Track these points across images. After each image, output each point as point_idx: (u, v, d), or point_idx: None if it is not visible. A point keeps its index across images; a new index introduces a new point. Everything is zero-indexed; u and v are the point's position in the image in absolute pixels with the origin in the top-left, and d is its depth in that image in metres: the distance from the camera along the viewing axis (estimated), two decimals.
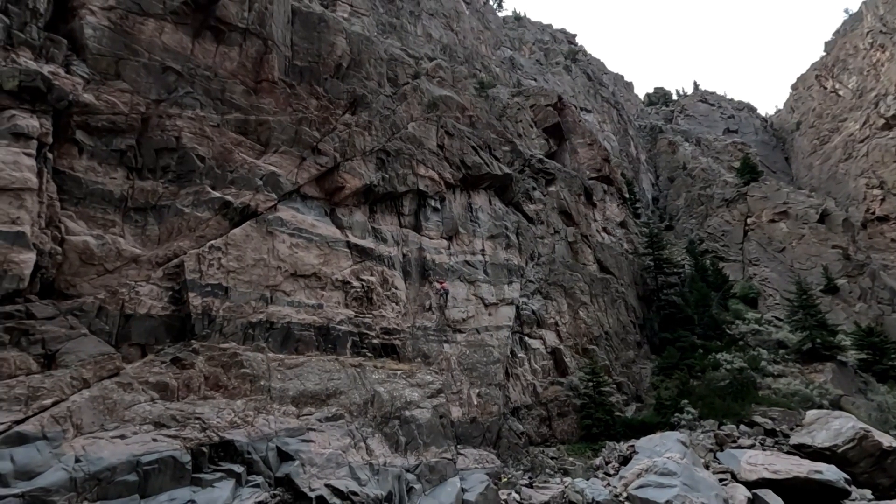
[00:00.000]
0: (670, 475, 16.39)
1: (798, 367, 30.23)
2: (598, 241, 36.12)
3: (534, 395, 24.61)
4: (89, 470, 9.63)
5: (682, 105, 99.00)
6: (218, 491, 10.99)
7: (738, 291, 45.35)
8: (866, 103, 69.93)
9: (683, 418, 24.84)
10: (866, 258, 46.88)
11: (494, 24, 68.79)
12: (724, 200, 56.05)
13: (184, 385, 12.91)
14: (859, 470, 18.63)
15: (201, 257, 14.92)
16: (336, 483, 12.82)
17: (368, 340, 18.83)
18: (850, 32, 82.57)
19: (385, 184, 22.28)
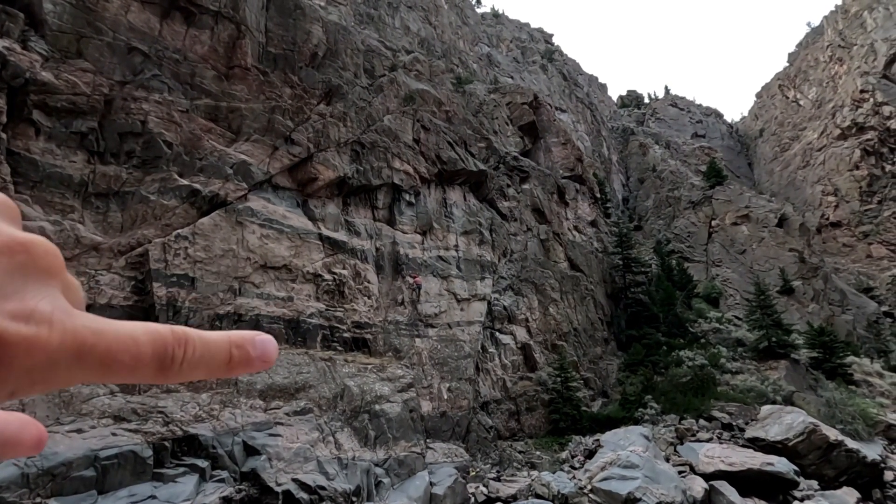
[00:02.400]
0: (633, 468, 16.89)
1: (755, 365, 31.57)
2: (570, 240, 36.73)
3: (503, 390, 24.91)
4: (43, 465, 9.24)
5: (654, 108, 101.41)
6: (181, 486, 10.73)
7: (702, 291, 46.96)
8: (824, 113, 73.29)
9: (647, 413, 25.60)
10: (820, 261, 49.27)
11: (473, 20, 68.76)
12: (691, 203, 57.84)
13: None
14: (808, 462, 19.64)
15: (167, 246, 14.45)
16: (303, 477, 12.70)
17: (339, 334, 18.66)
18: (812, 45, 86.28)
19: (359, 176, 22.04)
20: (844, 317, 43.60)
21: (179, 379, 0.44)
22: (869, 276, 54.76)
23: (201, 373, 0.45)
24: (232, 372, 0.47)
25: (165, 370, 0.41)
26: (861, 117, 65.99)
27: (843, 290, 46.60)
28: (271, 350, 0.49)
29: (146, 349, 0.40)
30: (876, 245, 58.75)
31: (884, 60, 67.83)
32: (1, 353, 0.32)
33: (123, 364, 0.38)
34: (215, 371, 0.46)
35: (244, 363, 0.47)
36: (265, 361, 0.48)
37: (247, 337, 0.48)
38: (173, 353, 0.41)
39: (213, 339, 0.45)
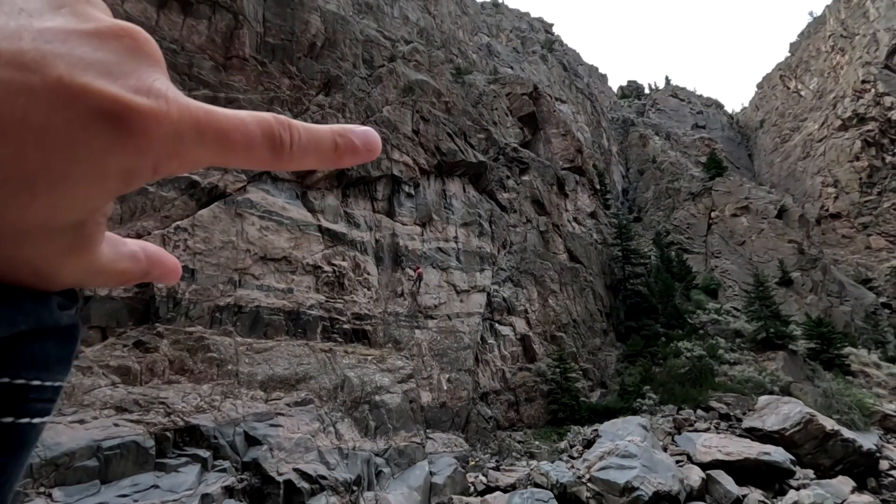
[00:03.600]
0: (631, 457, 17.05)
1: (752, 355, 31.75)
2: (569, 231, 36.74)
3: (503, 381, 25.06)
4: (46, 455, 9.32)
5: (654, 99, 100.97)
6: (183, 476, 10.82)
7: (701, 282, 47.07)
8: (825, 104, 73.00)
9: (645, 403, 25.79)
10: (819, 253, 49.37)
11: (472, 10, 68.17)
12: (691, 194, 57.80)
13: (147, 369, 12.58)
14: (804, 451, 19.83)
15: (166, 238, 14.45)
16: (304, 467, 12.81)
17: (339, 325, 18.72)
18: (814, 35, 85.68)
19: (358, 168, 21.98)
20: (842, 308, 43.78)
21: (291, 165, 0.43)
22: (867, 268, 54.91)
23: (311, 160, 0.44)
24: (340, 161, 0.46)
25: (277, 153, 0.41)
26: (862, 108, 65.75)
27: (842, 281, 46.74)
28: (374, 139, 0.48)
29: (255, 129, 0.40)
30: (875, 236, 58.84)
31: (886, 51, 67.42)
32: (136, 122, 0.33)
33: (237, 143, 0.38)
34: (324, 159, 0.45)
35: (351, 151, 0.46)
36: (370, 150, 0.47)
37: (347, 127, 0.47)
38: (281, 136, 0.41)
39: (315, 128, 0.44)
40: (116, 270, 0.45)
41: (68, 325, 0.39)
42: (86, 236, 0.38)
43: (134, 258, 0.47)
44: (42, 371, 0.37)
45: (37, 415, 0.36)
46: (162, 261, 0.51)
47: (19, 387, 0.35)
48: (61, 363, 0.39)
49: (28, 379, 0.35)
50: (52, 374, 0.38)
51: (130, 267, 0.46)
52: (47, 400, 0.37)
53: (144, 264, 0.48)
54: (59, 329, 0.38)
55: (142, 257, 0.48)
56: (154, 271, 0.50)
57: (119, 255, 0.45)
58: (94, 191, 0.34)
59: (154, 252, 0.50)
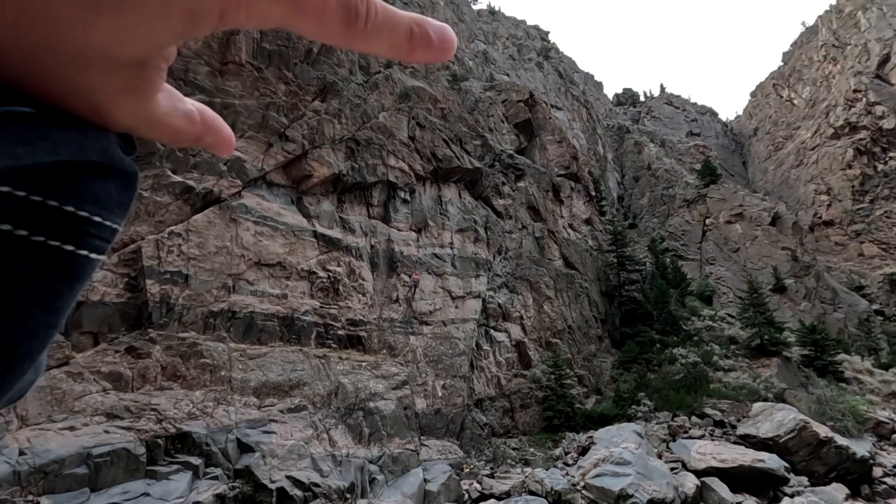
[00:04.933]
0: (625, 464, 17.03)
1: (747, 362, 31.82)
2: (565, 237, 36.83)
3: (498, 387, 25.00)
4: (35, 463, 9.22)
5: (649, 106, 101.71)
6: (174, 483, 10.73)
7: (696, 289, 47.22)
8: (818, 113, 73.76)
9: (640, 410, 25.78)
10: (812, 260, 49.67)
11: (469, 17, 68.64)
12: (685, 201, 58.10)
13: (139, 375, 12.49)
14: (798, 458, 19.86)
15: (160, 243, 14.39)
16: (297, 474, 12.73)
17: (334, 331, 18.66)
18: (806, 44, 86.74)
19: (354, 173, 22.00)
20: (836, 315, 44.00)
21: (363, 44, 0.41)
22: (860, 275, 55.27)
23: (384, 42, 0.42)
24: (413, 52, 0.43)
25: (350, 25, 0.39)
26: (854, 117, 66.47)
27: (835, 288, 47.01)
28: (451, 38, 0.45)
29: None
30: (868, 244, 59.29)
31: (877, 60, 68.31)
32: None
33: (311, 6, 0.36)
34: (397, 45, 0.43)
35: (425, 43, 0.43)
36: (445, 49, 0.44)
37: (424, 18, 0.44)
38: (357, 7, 0.39)
39: (393, 10, 0.42)
40: (171, 125, 0.44)
41: (130, 171, 0.40)
42: (145, 78, 0.38)
43: (189, 118, 0.47)
44: (104, 209, 0.37)
45: (94, 250, 0.37)
46: (217, 128, 0.51)
47: (82, 219, 0.36)
48: (121, 206, 0.39)
49: (91, 213, 0.36)
50: (113, 215, 0.38)
51: (185, 125, 0.46)
52: (104, 239, 0.38)
53: (199, 127, 0.48)
54: (122, 172, 0.39)
55: (197, 119, 0.48)
56: (207, 137, 0.50)
57: (175, 111, 0.45)
58: (157, 25, 0.33)
59: (211, 117, 0.50)
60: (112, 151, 0.38)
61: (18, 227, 0.32)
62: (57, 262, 0.35)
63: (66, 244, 0.35)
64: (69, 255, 0.36)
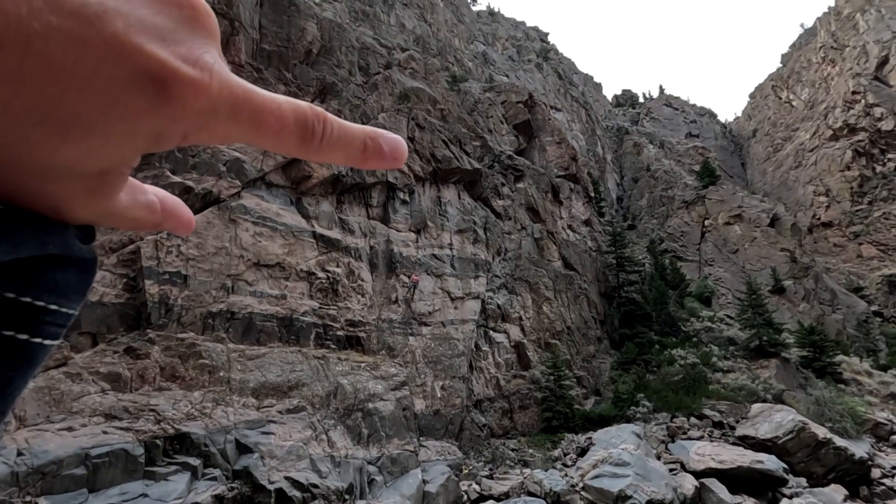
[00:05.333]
0: (624, 465, 17.03)
1: (746, 363, 31.84)
2: (564, 239, 36.86)
3: (497, 388, 25.00)
4: (33, 463, 9.20)
5: (648, 108, 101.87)
6: (172, 484, 10.71)
7: (694, 290, 47.26)
8: (817, 114, 73.90)
9: (639, 411, 25.78)
10: (811, 261, 49.74)
11: (468, 18, 68.73)
12: (684, 202, 58.17)
13: (138, 376, 12.47)
14: (797, 459, 19.87)
15: (159, 244, 14.39)
16: (296, 475, 12.71)
17: (333, 332, 18.65)
18: (805, 46, 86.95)
19: (353, 174, 22.01)
20: (834, 316, 44.04)
21: (318, 156, 0.44)
22: (859, 276, 55.34)
23: (339, 155, 0.45)
24: (366, 162, 0.46)
25: (307, 143, 0.42)
26: (853, 118, 66.60)
27: (834, 289, 47.06)
28: (402, 149, 0.49)
29: (289, 116, 0.40)
30: (866, 245, 59.38)
31: (875, 62, 68.48)
32: (178, 90, 0.33)
33: (269, 127, 0.39)
34: (351, 157, 0.46)
35: (378, 155, 0.46)
36: (396, 159, 0.48)
37: (378, 131, 0.47)
38: (314, 127, 0.42)
39: (348, 126, 0.45)
40: (130, 216, 0.46)
41: (89, 257, 0.41)
42: (108, 183, 0.40)
43: (150, 208, 0.48)
44: (61, 297, 0.38)
45: (49, 337, 0.38)
46: (177, 214, 0.52)
47: (39, 308, 0.37)
48: (78, 293, 0.40)
49: (48, 302, 0.37)
50: (69, 301, 0.39)
51: (145, 216, 0.48)
52: (60, 325, 0.39)
53: (158, 216, 0.50)
54: (80, 260, 0.40)
55: (157, 208, 0.49)
56: (166, 223, 0.51)
57: (135, 203, 0.46)
58: (123, 146, 0.35)
59: (171, 205, 0.52)
60: (72, 243, 0.39)
61: None
62: (10, 350, 0.35)
63: (20, 333, 0.36)
64: (23, 343, 0.36)
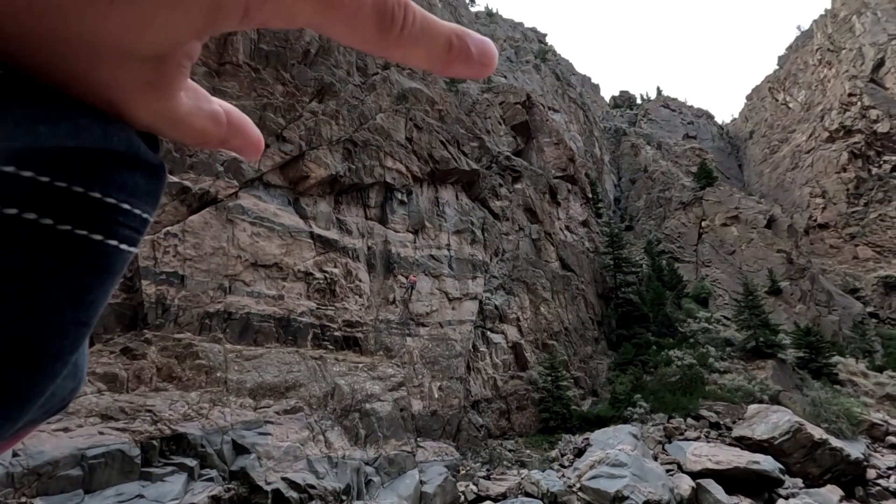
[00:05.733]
0: (621, 466, 17.06)
1: (742, 364, 31.93)
2: (561, 239, 36.91)
3: (494, 389, 25.01)
4: (28, 464, 9.16)
5: (646, 109, 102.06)
6: (169, 485, 10.68)
7: (691, 291, 47.38)
8: (813, 116, 74.20)
9: (636, 412, 25.82)
10: (807, 262, 49.92)
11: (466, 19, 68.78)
12: (682, 203, 58.31)
13: (134, 376, 12.43)
14: (793, 460, 19.92)
15: (156, 244, 14.35)
16: (293, 476, 12.69)
17: (330, 333, 18.63)
18: (802, 48, 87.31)
19: (351, 175, 22.00)
20: (831, 317, 44.21)
21: (397, 51, 0.38)
22: (855, 278, 55.57)
23: (420, 53, 0.39)
24: (450, 65, 0.41)
25: (385, 30, 0.36)
26: (849, 120, 66.90)
27: (830, 290, 47.25)
28: (491, 53, 0.42)
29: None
30: (862, 247, 59.62)
31: (871, 64, 68.82)
32: None
33: (344, 6, 0.34)
34: (435, 56, 0.40)
35: (464, 57, 0.40)
36: (484, 65, 0.42)
37: (465, 30, 0.41)
38: (394, 12, 0.36)
39: (432, 18, 0.40)
40: (195, 126, 0.42)
41: (157, 163, 0.37)
42: (166, 75, 0.36)
43: (215, 119, 0.44)
44: (132, 196, 0.35)
45: (125, 241, 0.35)
46: (245, 131, 0.48)
47: (110, 206, 0.33)
48: (150, 196, 0.37)
49: (119, 200, 0.34)
50: (142, 202, 0.36)
51: (210, 127, 0.44)
52: (135, 229, 0.36)
53: (225, 129, 0.45)
54: (148, 163, 0.36)
55: (223, 120, 0.45)
56: (233, 140, 0.47)
57: (200, 111, 0.42)
58: (175, 17, 0.31)
59: (238, 119, 0.47)
60: (137, 143, 0.36)
61: (43, 215, 0.30)
62: (85, 252, 0.33)
63: (93, 233, 0.33)
64: (98, 245, 0.33)
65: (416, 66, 0.43)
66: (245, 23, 0.34)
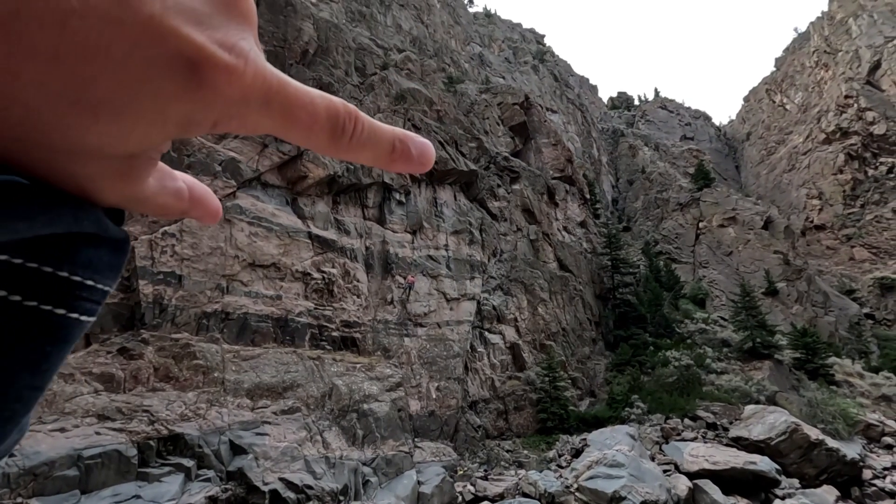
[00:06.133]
0: (619, 467, 17.08)
1: (739, 365, 32.04)
2: (559, 240, 36.95)
3: (492, 389, 25.01)
4: (24, 465, 9.12)
5: (644, 110, 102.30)
6: (166, 486, 10.65)
7: (689, 292, 47.50)
8: (810, 118, 74.49)
9: (633, 412, 25.87)
10: (804, 264, 50.11)
11: (465, 20, 68.81)
12: (679, 204, 58.46)
13: (131, 376, 12.40)
14: (790, 461, 19.99)
15: (154, 243, 14.31)
16: (291, 476, 12.67)
17: (328, 333, 18.60)
18: (799, 50, 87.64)
19: (349, 175, 21.98)
20: (827, 318, 44.37)
21: (347, 154, 0.44)
22: (851, 279, 55.79)
23: (367, 155, 0.44)
24: (393, 164, 0.46)
25: (336, 140, 0.42)
26: (845, 122, 67.18)
27: (826, 291, 47.42)
28: (429, 154, 0.48)
29: (321, 112, 0.40)
30: (858, 248, 59.87)
31: (867, 67, 69.13)
32: (212, 75, 0.33)
33: (301, 121, 0.39)
34: (379, 158, 0.45)
35: (405, 158, 0.46)
36: (423, 164, 0.48)
37: (408, 134, 0.47)
38: (344, 125, 0.41)
39: (379, 126, 0.45)
40: (158, 202, 0.45)
41: (120, 237, 0.40)
42: (136, 167, 0.39)
43: (178, 195, 0.48)
44: (96, 273, 0.38)
45: (85, 313, 0.38)
46: (204, 202, 0.52)
47: (75, 283, 0.36)
48: (112, 270, 0.40)
49: (84, 277, 0.37)
50: (104, 277, 0.39)
51: (172, 202, 0.47)
52: (96, 301, 0.39)
53: (186, 203, 0.49)
54: (113, 240, 0.39)
55: (185, 196, 0.49)
56: (193, 211, 0.51)
57: (164, 190, 0.46)
58: (152, 130, 0.35)
59: (200, 193, 0.51)
60: (104, 223, 0.39)
61: (12, 292, 0.33)
62: (48, 325, 0.35)
63: (57, 308, 0.35)
64: (60, 318, 0.36)
65: (362, 163, 0.48)
66: (212, 131, 0.38)
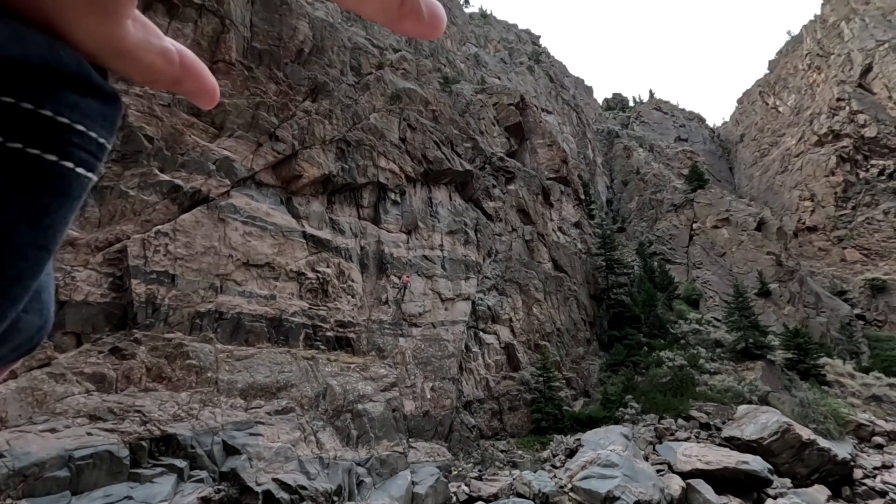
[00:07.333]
0: (612, 467, 17.13)
1: (732, 365, 32.23)
2: (554, 241, 37.02)
3: (486, 390, 25.02)
4: (15, 465, 9.03)
5: (638, 112, 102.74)
6: (158, 486, 10.57)
7: (683, 293, 47.74)
8: (802, 120, 75.09)
9: (627, 413, 25.97)
10: (796, 265, 50.47)
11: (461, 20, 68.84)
12: (673, 205, 58.74)
13: (123, 376, 12.30)
14: (781, 460, 20.13)
15: (146, 243, 14.20)
16: (284, 477, 12.61)
17: (322, 333, 18.54)
18: (792, 53, 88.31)
19: (344, 174, 21.92)
20: (819, 319, 44.73)
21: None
22: (843, 280, 56.28)
23: (375, 3, 0.39)
24: (402, 20, 0.41)
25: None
26: (837, 125, 67.76)
27: (818, 292, 47.81)
28: (440, 16, 0.43)
29: None
30: (850, 249, 60.41)
31: (859, 70, 69.77)
32: None
33: None
34: (388, 9, 0.40)
35: (415, 15, 0.41)
36: (434, 27, 0.42)
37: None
38: None
39: None
40: (143, 60, 0.39)
41: (110, 91, 0.35)
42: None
43: (166, 56, 0.42)
44: (86, 118, 0.33)
45: (81, 164, 0.33)
46: (198, 74, 0.45)
47: (62, 125, 0.32)
48: (106, 121, 0.35)
49: (72, 120, 0.32)
50: (97, 126, 0.34)
51: (160, 63, 0.41)
52: (92, 153, 0.34)
53: (177, 69, 0.43)
54: (100, 89, 0.34)
55: (175, 59, 0.43)
56: (186, 83, 0.45)
57: (149, 45, 0.40)
58: None
59: (191, 61, 0.44)
60: (87, 66, 0.33)
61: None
62: (38, 172, 0.31)
63: (46, 153, 0.31)
64: (52, 165, 0.31)
65: (368, 18, 0.42)
66: None
